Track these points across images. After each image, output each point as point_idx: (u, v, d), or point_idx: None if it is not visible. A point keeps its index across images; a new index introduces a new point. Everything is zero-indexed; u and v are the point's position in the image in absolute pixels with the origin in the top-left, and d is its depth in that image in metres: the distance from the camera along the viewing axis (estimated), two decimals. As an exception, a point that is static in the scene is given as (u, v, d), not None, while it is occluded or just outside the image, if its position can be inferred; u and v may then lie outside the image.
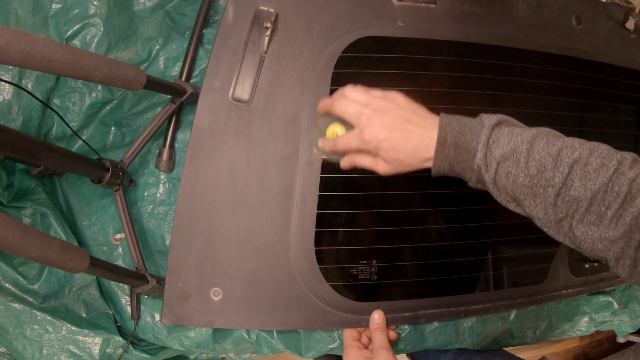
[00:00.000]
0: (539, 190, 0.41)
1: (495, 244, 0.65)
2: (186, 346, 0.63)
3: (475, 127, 0.44)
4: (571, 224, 0.40)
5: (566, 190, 0.39)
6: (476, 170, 0.43)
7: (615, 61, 0.76)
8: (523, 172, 0.41)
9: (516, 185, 0.42)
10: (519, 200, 0.43)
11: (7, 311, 0.56)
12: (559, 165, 0.40)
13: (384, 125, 0.45)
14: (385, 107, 0.46)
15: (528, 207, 0.42)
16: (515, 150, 0.41)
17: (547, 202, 0.41)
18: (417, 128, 0.45)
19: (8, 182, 0.58)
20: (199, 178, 0.56)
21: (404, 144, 0.45)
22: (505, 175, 0.42)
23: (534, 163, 0.41)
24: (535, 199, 0.41)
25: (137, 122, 0.65)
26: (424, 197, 0.62)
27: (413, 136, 0.45)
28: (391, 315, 0.61)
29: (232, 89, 0.57)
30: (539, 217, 0.42)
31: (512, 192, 0.42)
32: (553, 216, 0.41)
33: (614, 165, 0.38)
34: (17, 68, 0.56)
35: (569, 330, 0.79)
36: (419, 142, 0.45)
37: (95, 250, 0.64)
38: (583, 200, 0.39)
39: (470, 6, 0.66)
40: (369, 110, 0.46)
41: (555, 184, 0.40)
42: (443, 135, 0.44)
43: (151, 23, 0.64)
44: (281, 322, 0.57)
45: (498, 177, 0.42)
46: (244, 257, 0.56)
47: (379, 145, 0.46)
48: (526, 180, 0.41)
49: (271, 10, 0.58)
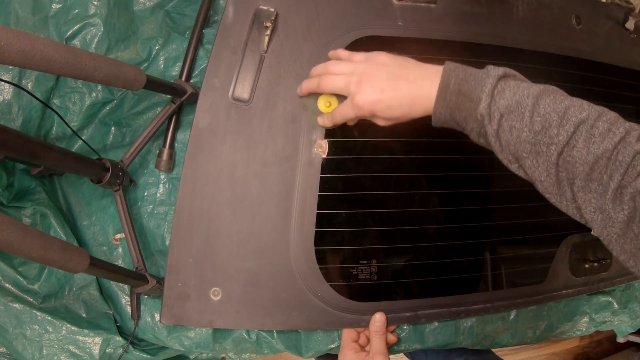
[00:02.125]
0: (542, 149, 0.39)
1: (495, 244, 0.65)
2: (186, 346, 0.63)
3: (480, 77, 0.42)
4: (572, 189, 0.38)
5: (569, 150, 0.38)
6: (479, 120, 0.41)
7: (615, 61, 0.76)
8: (527, 127, 0.39)
9: (519, 141, 0.40)
10: (521, 159, 0.41)
11: (7, 311, 0.56)
12: (564, 123, 0.38)
13: (374, 88, 0.45)
14: (371, 70, 0.46)
15: (530, 168, 0.40)
16: (521, 103, 0.39)
17: (550, 161, 0.39)
18: (408, 83, 0.45)
19: (8, 182, 0.58)
20: (199, 178, 0.56)
21: (398, 101, 0.45)
22: (509, 129, 0.40)
23: (539, 118, 0.39)
24: (538, 157, 0.39)
25: (137, 122, 0.65)
26: (424, 197, 0.62)
27: (406, 91, 0.44)
28: (391, 315, 0.61)
29: (232, 89, 0.57)
30: (541, 179, 0.40)
31: (514, 149, 0.41)
32: (555, 177, 0.39)
33: (620, 133, 0.37)
34: (17, 68, 0.56)
35: (569, 330, 0.79)
36: (414, 96, 0.44)
37: (95, 250, 0.64)
38: (584, 163, 0.37)
39: (471, 6, 0.66)
40: (355, 77, 0.46)
41: (559, 142, 0.38)
42: (446, 81, 0.42)
43: (151, 23, 0.64)
44: (281, 322, 0.57)
45: (501, 131, 0.40)
46: (243, 257, 0.56)
47: (373, 108, 0.46)
48: (530, 136, 0.39)
49: (271, 9, 0.58)
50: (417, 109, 0.45)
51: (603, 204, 0.36)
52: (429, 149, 0.62)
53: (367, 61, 0.47)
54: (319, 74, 0.51)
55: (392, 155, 0.61)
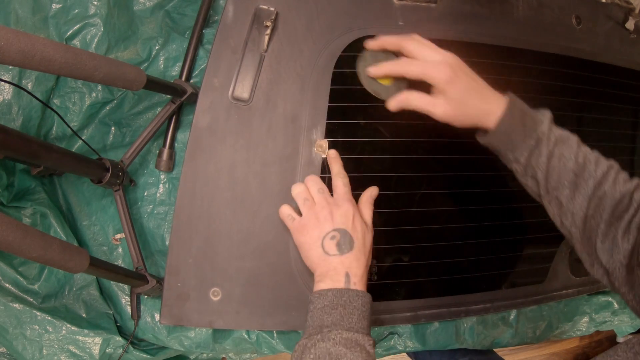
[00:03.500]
0: (581, 181, 0.45)
1: (495, 244, 0.65)
2: (186, 346, 0.63)
3: (536, 112, 0.48)
4: (600, 225, 0.44)
5: (601, 186, 0.45)
6: (538, 138, 0.46)
7: (615, 61, 0.76)
8: (573, 158, 0.46)
9: (565, 169, 0.46)
10: (561, 188, 0.46)
11: (7, 311, 0.56)
12: (599, 164, 0.46)
13: (468, 72, 0.48)
14: (461, 72, 0.48)
15: (566, 197, 0.46)
16: (570, 138, 0.47)
17: (586, 193, 0.45)
18: (490, 93, 0.48)
19: (8, 182, 0.58)
20: (199, 177, 0.56)
21: (475, 92, 0.48)
22: (559, 156, 0.46)
23: (582, 155, 0.46)
24: (577, 189, 0.46)
25: (137, 122, 0.65)
26: (424, 197, 0.62)
27: (485, 93, 0.48)
28: (391, 315, 0.61)
29: (231, 88, 0.57)
30: (574, 211, 0.46)
31: (557, 177, 0.46)
32: (585, 212, 0.45)
33: (637, 180, 0.46)
34: (17, 68, 0.56)
35: (569, 330, 0.79)
36: (487, 103, 0.48)
37: (95, 250, 0.64)
38: (612, 199, 0.44)
39: (471, 6, 0.66)
40: (448, 74, 0.46)
41: (596, 177, 0.45)
42: (514, 101, 0.47)
43: (151, 23, 0.64)
44: (281, 322, 0.57)
45: (553, 156, 0.46)
46: (243, 257, 0.56)
47: (452, 78, 0.46)
48: (574, 167, 0.46)
49: (271, 9, 0.58)
50: (479, 112, 0.48)
51: (615, 234, 0.43)
52: (429, 149, 0.62)
53: (454, 57, 0.48)
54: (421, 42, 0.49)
55: (392, 155, 0.61)
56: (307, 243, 0.50)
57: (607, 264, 0.44)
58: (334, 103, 0.59)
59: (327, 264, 0.48)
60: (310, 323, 0.46)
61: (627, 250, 0.42)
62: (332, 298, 0.46)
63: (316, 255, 0.49)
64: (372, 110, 0.60)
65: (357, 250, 0.49)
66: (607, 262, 0.44)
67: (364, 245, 0.50)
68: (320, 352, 0.42)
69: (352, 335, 0.43)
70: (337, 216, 0.50)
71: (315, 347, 0.42)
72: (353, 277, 0.48)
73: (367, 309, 0.47)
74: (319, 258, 0.49)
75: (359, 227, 0.51)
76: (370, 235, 0.53)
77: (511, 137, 0.47)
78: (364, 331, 0.45)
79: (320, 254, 0.49)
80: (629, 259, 0.42)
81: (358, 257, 0.49)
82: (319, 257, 0.49)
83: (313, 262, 0.50)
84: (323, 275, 0.48)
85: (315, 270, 0.50)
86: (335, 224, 0.50)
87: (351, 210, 0.51)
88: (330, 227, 0.50)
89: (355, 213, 0.51)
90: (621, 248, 0.42)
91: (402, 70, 0.49)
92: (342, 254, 0.49)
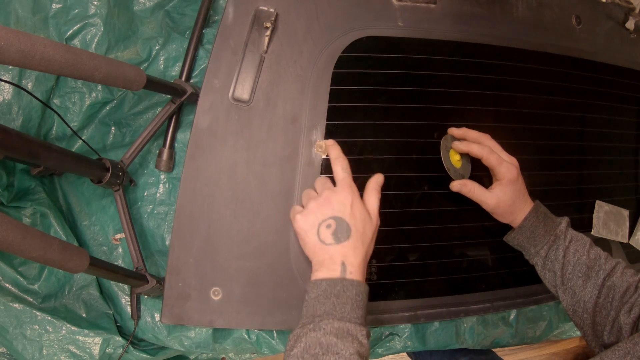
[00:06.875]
0: (592, 273, 0.54)
1: (496, 243, 0.65)
2: (186, 346, 0.63)
3: (556, 216, 0.59)
4: (612, 304, 0.52)
5: (610, 278, 0.54)
6: (557, 235, 0.57)
7: (615, 61, 0.77)
8: (586, 254, 0.55)
9: (579, 263, 0.55)
10: (574, 279, 0.55)
11: (7, 311, 0.56)
12: (609, 260, 0.55)
13: (522, 179, 0.58)
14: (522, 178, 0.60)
15: (579, 287, 0.55)
16: (583, 237, 0.57)
17: (597, 283, 0.54)
18: (527, 197, 0.59)
19: (8, 182, 0.58)
20: (199, 178, 0.56)
21: (522, 195, 0.58)
22: (574, 251, 0.56)
23: (593, 252, 0.56)
24: (588, 280, 0.54)
25: (137, 122, 0.65)
26: (424, 197, 0.62)
27: (526, 197, 0.59)
28: (391, 315, 0.61)
29: (232, 89, 0.57)
30: (585, 299, 0.54)
31: (571, 270, 0.55)
32: (595, 299, 0.53)
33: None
34: (17, 68, 0.56)
35: (569, 330, 0.79)
36: (525, 204, 0.58)
37: (95, 250, 0.64)
38: (620, 288, 0.53)
39: (470, 6, 0.66)
40: (512, 171, 0.57)
41: (606, 269, 0.54)
42: (538, 205, 0.59)
43: (151, 23, 0.64)
44: (281, 322, 0.57)
45: (568, 251, 0.56)
46: (243, 256, 0.56)
47: (515, 180, 0.57)
48: (587, 261, 0.55)
49: (271, 10, 0.58)
50: (512, 211, 0.58)
51: (617, 316, 0.51)
52: (429, 149, 0.62)
53: (517, 162, 0.59)
54: (479, 140, 0.59)
55: (392, 156, 0.61)
56: (303, 229, 0.49)
57: (608, 340, 0.52)
58: (334, 104, 0.59)
59: (324, 253, 0.48)
60: (304, 313, 0.46)
61: (627, 324, 0.49)
62: (326, 287, 0.45)
63: (312, 243, 0.49)
64: (372, 110, 0.60)
65: (354, 238, 0.48)
66: (607, 337, 0.52)
67: (363, 233, 0.49)
68: (310, 342, 0.41)
69: (344, 324, 0.43)
70: (334, 202, 0.49)
71: (306, 337, 0.42)
72: (349, 267, 0.47)
73: (362, 298, 0.46)
74: (315, 246, 0.48)
75: (358, 215, 0.49)
76: (373, 224, 0.51)
77: (534, 233, 0.57)
78: (357, 321, 0.44)
79: (316, 242, 0.48)
80: (629, 333, 0.49)
81: (356, 246, 0.48)
82: (314, 245, 0.48)
83: (310, 250, 0.49)
84: (320, 264, 0.48)
85: (312, 259, 0.49)
86: (333, 211, 0.49)
87: (349, 197, 0.50)
88: (328, 213, 0.49)
89: (354, 200, 0.50)
90: (622, 324, 0.50)
91: (484, 155, 0.57)
92: (338, 242, 0.48)
